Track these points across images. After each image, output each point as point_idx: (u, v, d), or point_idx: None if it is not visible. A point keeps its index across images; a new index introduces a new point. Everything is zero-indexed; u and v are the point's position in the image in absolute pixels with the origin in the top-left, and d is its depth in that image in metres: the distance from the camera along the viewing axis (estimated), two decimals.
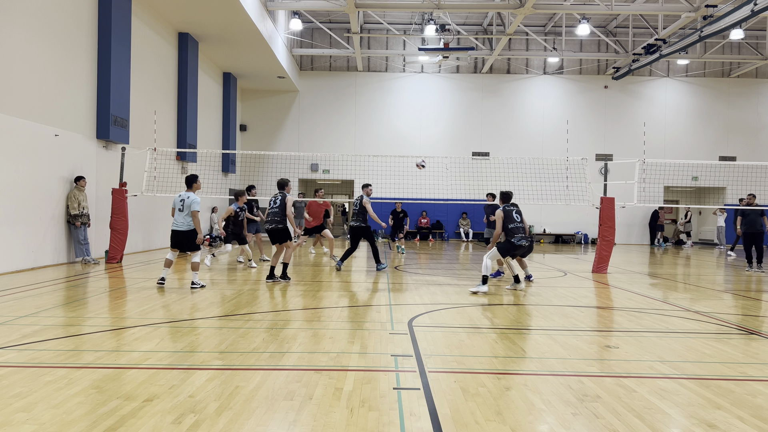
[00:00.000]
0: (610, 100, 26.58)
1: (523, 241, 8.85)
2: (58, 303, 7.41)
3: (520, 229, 8.89)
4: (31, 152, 10.85)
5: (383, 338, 5.57)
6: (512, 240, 8.83)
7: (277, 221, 9.45)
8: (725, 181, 25.89)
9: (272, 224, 9.49)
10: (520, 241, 8.82)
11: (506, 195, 9.28)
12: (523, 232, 8.93)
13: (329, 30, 24.36)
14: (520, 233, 8.86)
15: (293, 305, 7.51)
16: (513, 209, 9.03)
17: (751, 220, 13.32)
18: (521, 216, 9.07)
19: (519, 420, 3.49)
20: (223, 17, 16.59)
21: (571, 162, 16.69)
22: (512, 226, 8.86)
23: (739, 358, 5.10)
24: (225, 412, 3.51)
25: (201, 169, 19.97)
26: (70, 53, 12.03)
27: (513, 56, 25.74)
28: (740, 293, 9.78)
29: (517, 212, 9.03)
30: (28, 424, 3.27)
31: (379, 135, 26.06)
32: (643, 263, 15.50)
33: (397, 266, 12.98)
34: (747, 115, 26.68)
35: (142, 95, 15.35)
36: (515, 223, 8.89)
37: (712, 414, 3.65)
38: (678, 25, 19.90)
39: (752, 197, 13.62)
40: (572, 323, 6.65)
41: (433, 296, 8.57)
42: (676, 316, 7.28)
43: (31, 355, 4.75)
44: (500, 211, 9.01)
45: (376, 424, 3.38)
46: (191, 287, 8.65)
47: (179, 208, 8.80)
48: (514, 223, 8.88)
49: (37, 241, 11.09)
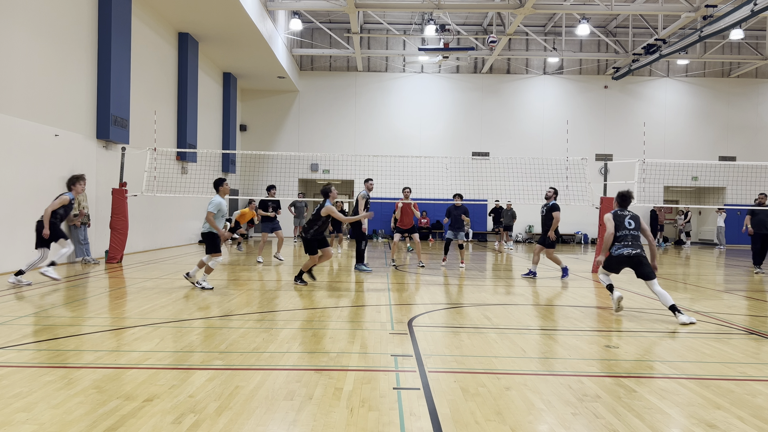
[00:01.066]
0: (610, 100, 26.58)
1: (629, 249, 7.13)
2: (58, 303, 7.41)
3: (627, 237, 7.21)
4: (31, 152, 10.85)
5: (383, 338, 5.57)
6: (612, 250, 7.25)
7: (315, 229, 9.29)
8: (725, 181, 25.90)
9: (306, 233, 9.34)
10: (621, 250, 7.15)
11: (623, 197, 7.55)
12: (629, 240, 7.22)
13: (329, 30, 24.36)
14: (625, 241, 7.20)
15: (293, 305, 7.51)
16: (627, 215, 7.35)
17: (759, 220, 12.94)
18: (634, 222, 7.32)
19: (519, 420, 3.49)
20: (223, 17, 16.59)
21: (571, 162, 16.69)
22: (620, 234, 7.23)
23: (739, 358, 5.10)
24: (225, 412, 3.50)
25: (201, 169, 19.98)
26: (70, 53, 12.02)
27: (513, 56, 25.75)
28: (740, 293, 9.77)
29: (631, 218, 7.33)
30: (28, 424, 3.27)
31: (379, 135, 26.06)
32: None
33: (397, 266, 12.98)
34: (747, 115, 26.69)
35: (142, 95, 15.35)
36: (624, 230, 7.23)
37: (712, 414, 3.65)
38: (678, 25, 19.90)
39: (765, 197, 13.17)
40: (572, 323, 6.65)
41: (433, 296, 8.57)
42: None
43: (31, 355, 4.75)
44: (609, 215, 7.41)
45: (376, 424, 3.38)
46: (196, 283, 8.82)
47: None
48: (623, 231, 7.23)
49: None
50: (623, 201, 7.45)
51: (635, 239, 7.12)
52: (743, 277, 12.42)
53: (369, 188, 12.11)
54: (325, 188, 9.48)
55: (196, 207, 20.32)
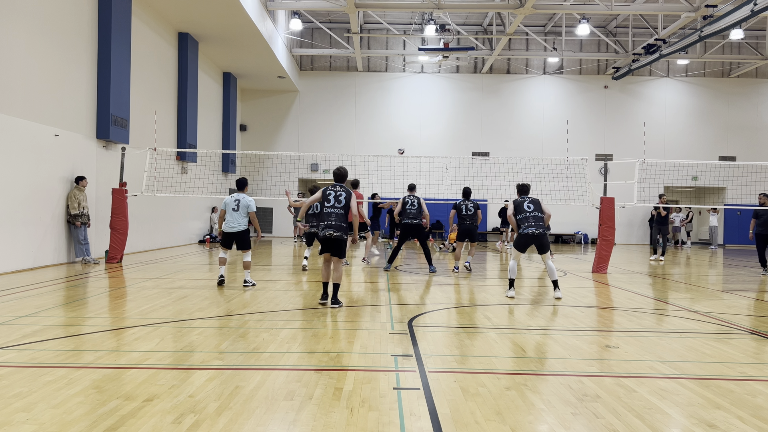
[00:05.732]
0: (610, 100, 26.58)
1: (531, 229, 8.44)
2: (58, 303, 7.41)
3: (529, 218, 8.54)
4: (31, 152, 10.85)
5: (383, 338, 5.56)
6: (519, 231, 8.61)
7: (343, 228, 6.99)
8: (725, 181, 25.90)
9: (336, 231, 6.98)
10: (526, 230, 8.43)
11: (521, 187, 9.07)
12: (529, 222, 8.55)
13: (329, 30, 24.36)
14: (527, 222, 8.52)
15: (293, 305, 7.50)
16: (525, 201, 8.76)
17: (764, 221, 12.75)
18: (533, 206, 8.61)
19: (519, 420, 3.49)
20: (223, 17, 16.59)
21: (571, 162, 16.69)
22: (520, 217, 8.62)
23: (739, 358, 5.10)
24: (225, 412, 3.50)
25: (201, 169, 19.98)
26: (70, 53, 12.02)
27: (513, 56, 25.75)
28: (740, 293, 9.77)
29: (529, 203, 8.63)
30: (28, 424, 3.27)
31: (379, 135, 26.06)
32: (643, 263, 15.49)
33: (397, 266, 12.98)
34: (747, 115, 26.68)
35: (142, 95, 15.35)
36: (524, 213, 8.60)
37: (712, 414, 3.65)
38: (678, 25, 19.90)
39: (765, 197, 13.04)
40: (572, 323, 6.65)
41: (433, 296, 8.57)
42: (676, 316, 7.28)
43: (31, 355, 4.75)
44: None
45: (376, 424, 3.38)
46: (243, 285, 8.98)
47: (233, 208, 8.87)
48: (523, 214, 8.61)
49: (37, 241, 11.09)
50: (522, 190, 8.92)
51: (537, 219, 8.42)
52: (743, 278, 12.42)
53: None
54: (340, 171, 7.59)
55: (196, 207, 20.32)
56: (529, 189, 9.03)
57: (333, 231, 6.86)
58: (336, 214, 6.87)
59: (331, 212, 6.89)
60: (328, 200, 6.95)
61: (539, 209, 8.56)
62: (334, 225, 6.86)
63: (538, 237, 8.31)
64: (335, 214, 6.86)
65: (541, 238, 8.33)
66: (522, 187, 9.05)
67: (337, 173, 7.25)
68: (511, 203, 8.79)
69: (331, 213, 6.88)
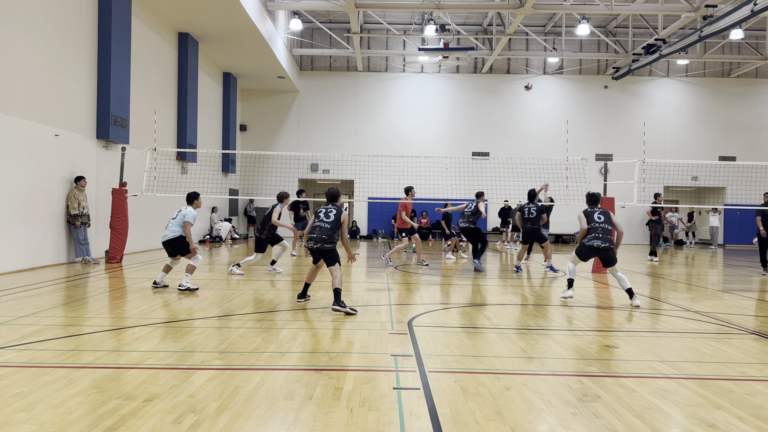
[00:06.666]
0: (610, 100, 26.58)
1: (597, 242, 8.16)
2: (58, 303, 7.41)
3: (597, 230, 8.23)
4: (31, 152, 10.85)
5: (383, 338, 5.57)
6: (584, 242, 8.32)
7: (324, 239, 7.38)
8: (725, 181, 25.90)
9: (317, 242, 7.40)
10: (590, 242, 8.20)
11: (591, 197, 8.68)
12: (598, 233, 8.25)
13: (329, 30, 24.36)
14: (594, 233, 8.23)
15: (293, 305, 7.50)
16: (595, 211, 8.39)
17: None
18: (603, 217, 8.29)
19: (519, 420, 3.49)
20: (223, 17, 16.59)
21: (571, 162, 16.69)
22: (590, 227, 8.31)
23: (739, 358, 5.10)
24: (225, 412, 3.51)
25: (201, 169, 19.98)
26: (70, 53, 12.03)
27: (513, 56, 25.75)
28: (740, 293, 9.77)
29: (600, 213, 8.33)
30: (28, 424, 3.27)
31: (379, 135, 26.07)
32: (643, 263, 15.49)
33: (397, 266, 12.98)
34: (747, 115, 26.69)
35: (142, 95, 15.35)
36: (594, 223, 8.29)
37: (712, 414, 3.65)
38: (678, 25, 19.90)
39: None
40: (572, 323, 6.65)
41: (433, 296, 8.57)
42: (676, 316, 7.28)
43: (31, 355, 4.75)
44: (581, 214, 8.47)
45: (376, 424, 3.38)
46: (178, 288, 8.43)
47: (173, 217, 8.78)
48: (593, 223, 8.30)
49: (37, 241, 11.09)
50: (592, 200, 8.55)
51: (606, 232, 8.12)
52: (743, 278, 12.42)
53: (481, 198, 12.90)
54: (333, 191, 7.83)
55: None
56: (599, 199, 8.63)
57: (314, 243, 7.33)
58: (320, 228, 7.33)
59: (317, 226, 7.39)
60: (318, 216, 7.49)
61: (609, 221, 8.21)
62: (316, 237, 7.32)
63: (603, 250, 8.08)
64: (320, 228, 7.34)
65: (607, 252, 8.08)
66: (592, 197, 8.61)
67: (328, 194, 7.76)
68: (582, 214, 8.33)
69: (316, 227, 7.39)
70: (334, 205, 7.66)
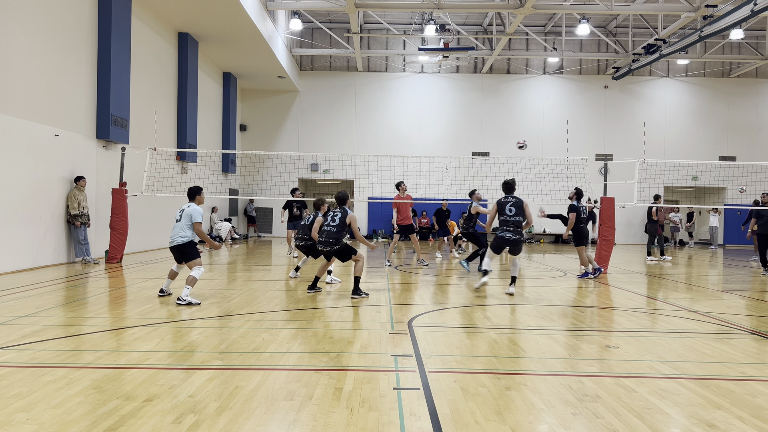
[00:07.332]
0: (610, 100, 26.58)
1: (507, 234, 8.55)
2: (58, 303, 7.41)
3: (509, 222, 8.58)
4: (31, 152, 10.85)
5: (383, 338, 5.57)
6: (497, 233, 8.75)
7: (332, 242, 8.12)
8: (725, 181, 25.89)
9: (326, 246, 8.19)
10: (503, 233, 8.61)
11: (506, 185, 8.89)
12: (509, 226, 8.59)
13: (329, 30, 24.35)
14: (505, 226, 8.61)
15: (293, 305, 7.50)
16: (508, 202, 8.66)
17: (767, 221, 12.61)
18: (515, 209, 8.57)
19: (519, 420, 3.49)
20: (223, 17, 16.59)
21: (571, 162, 16.69)
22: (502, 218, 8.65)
23: (739, 358, 5.10)
24: (225, 412, 3.50)
25: (201, 169, 19.97)
26: (70, 53, 12.02)
27: (513, 56, 25.75)
28: (740, 293, 9.77)
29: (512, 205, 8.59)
30: (28, 424, 3.27)
31: (379, 135, 26.06)
32: (643, 263, 15.49)
33: (397, 266, 12.98)
34: (747, 115, 26.68)
35: (142, 95, 15.35)
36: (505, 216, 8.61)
37: (712, 414, 3.65)
38: (678, 25, 19.89)
39: (767, 196, 12.94)
40: (572, 323, 6.65)
41: (433, 296, 8.57)
42: (676, 316, 7.28)
43: (31, 355, 4.75)
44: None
45: (376, 424, 3.38)
46: (177, 302, 7.30)
47: (177, 219, 7.84)
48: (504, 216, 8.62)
49: (37, 241, 11.09)
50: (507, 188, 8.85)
51: (516, 225, 8.53)
52: (743, 278, 12.42)
53: (478, 198, 12.63)
54: (342, 195, 8.49)
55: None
56: (514, 186, 8.84)
57: (323, 246, 8.22)
58: (328, 232, 8.18)
59: (324, 230, 8.23)
60: (326, 220, 8.31)
61: (521, 213, 8.51)
62: (324, 241, 8.19)
63: (513, 242, 8.61)
64: (327, 232, 8.19)
65: (517, 243, 8.62)
66: (507, 185, 8.84)
67: (337, 197, 8.46)
68: (495, 204, 8.75)
69: (324, 231, 8.23)
70: (341, 207, 8.34)
